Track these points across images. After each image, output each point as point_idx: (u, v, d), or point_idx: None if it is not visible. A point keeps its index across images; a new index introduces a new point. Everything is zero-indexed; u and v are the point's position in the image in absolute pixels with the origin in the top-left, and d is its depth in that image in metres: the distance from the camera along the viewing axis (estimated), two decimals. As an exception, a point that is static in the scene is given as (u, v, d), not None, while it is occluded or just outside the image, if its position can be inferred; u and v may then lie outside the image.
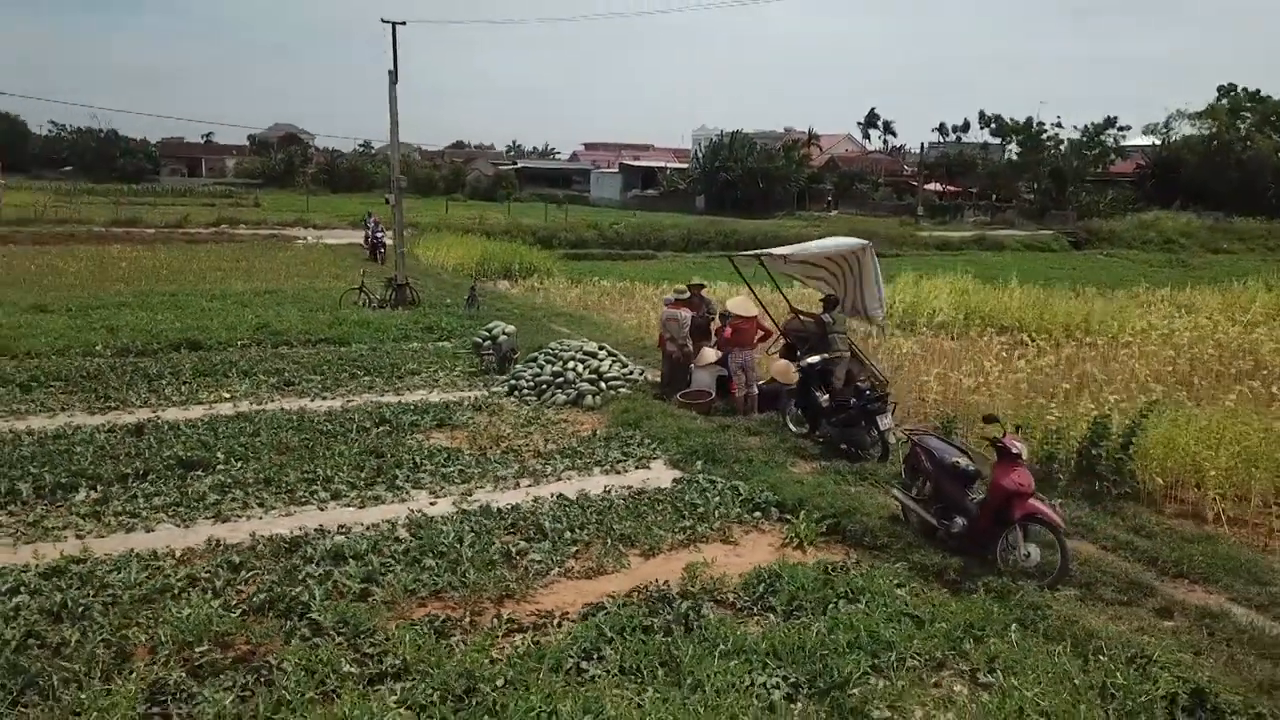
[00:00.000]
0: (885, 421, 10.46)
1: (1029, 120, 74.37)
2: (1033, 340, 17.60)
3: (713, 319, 14.02)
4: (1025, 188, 73.32)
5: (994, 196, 72.96)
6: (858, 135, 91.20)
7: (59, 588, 7.09)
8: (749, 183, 76.28)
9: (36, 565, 7.51)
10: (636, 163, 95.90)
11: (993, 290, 23.75)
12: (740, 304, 13.08)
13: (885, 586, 7.29)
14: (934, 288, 23.64)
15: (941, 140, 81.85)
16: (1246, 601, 7.23)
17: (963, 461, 8.11)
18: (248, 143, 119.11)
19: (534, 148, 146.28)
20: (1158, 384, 13.80)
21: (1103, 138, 76.89)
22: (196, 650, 6.25)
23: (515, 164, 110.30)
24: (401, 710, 5.61)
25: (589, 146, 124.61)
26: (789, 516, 8.94)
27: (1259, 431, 9.51)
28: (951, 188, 78.54)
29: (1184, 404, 11.72)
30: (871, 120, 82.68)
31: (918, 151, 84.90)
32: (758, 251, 14.29)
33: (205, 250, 34.98)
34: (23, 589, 7.05)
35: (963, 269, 28.31)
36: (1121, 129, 77.90)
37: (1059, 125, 74.37)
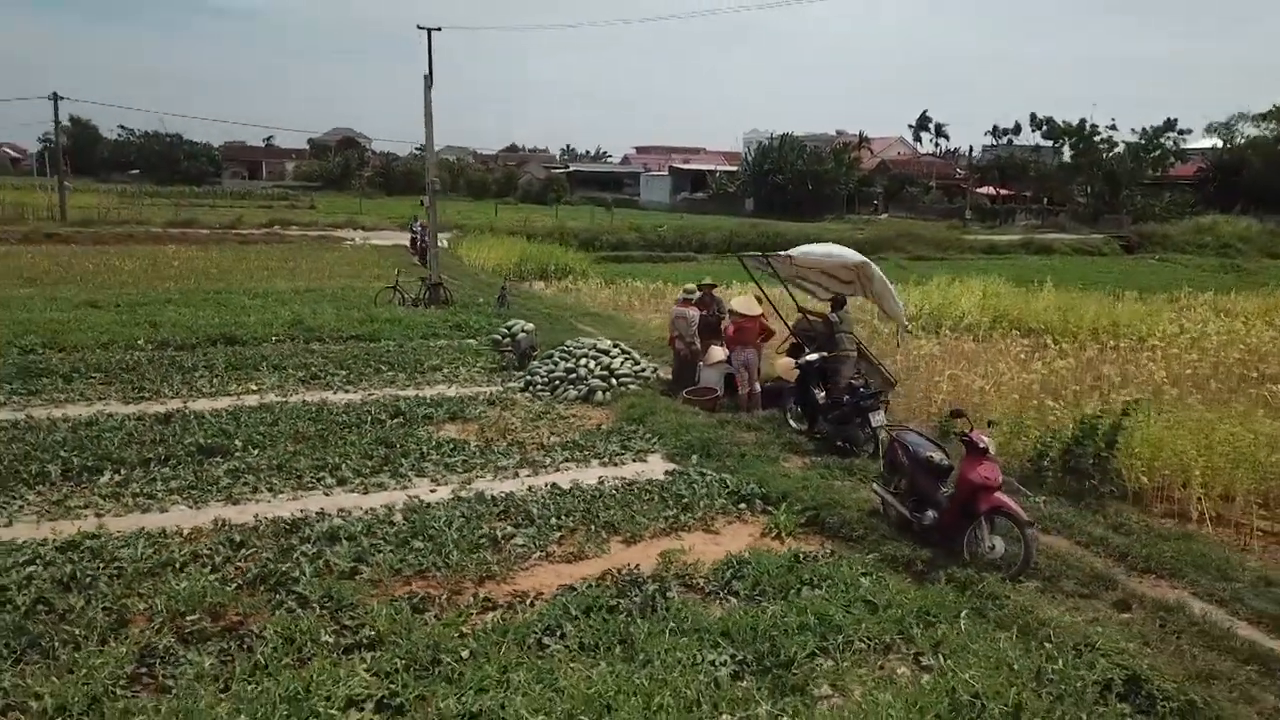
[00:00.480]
0: (878, 419, 10.63)
1: (1081, 122, 73.22)
2: (1056, 343, 17.57)
3: (723, 318, 14.27)
4: (1078, 191, 72.13)
5: (1045, 200, 71.87)
6: (910, 139, 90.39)
7: (71, 560, 7.59)
8: (798, 186, 76.26)
9: (54, 540, 8.04)
10: (686, 166, 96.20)
11: (1024, 294, 23.64)
12: (743, 303, 13.32)
13: (849, 574, 7.51)
14: (965, 290, 23.61)
15: (995, 143, 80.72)
16: (1208, 596, 7.32)
17: (936, 456, 8.28)
18: (308, 146, 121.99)
19: (585, 151, 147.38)
20: (1174, 387, 13.77)
21: (1162, 140, 75.37)
22: (188, 619, 6.69)
23: (567, 167, 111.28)
24: (368, 676, 5.98)
25: (640, 150, 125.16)
26: (771, 508, 9.19)
27: (1248, 433, 9.51)
28: (1004, 191, 77.55)
29: (1192, 406, 11.70)
30: (923, 123, 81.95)
31: (975, 155, 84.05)
32: (766, 253, 14.48)
33: (255, 250, 36.06)
34: (38, 560, 7.57)
35: (998, 273, 28.18)
36: (1182, 132, 76.37)
37: (1113, 128, 73.18)
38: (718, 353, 13.36)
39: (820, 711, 5.67)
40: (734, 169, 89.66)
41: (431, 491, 9.70)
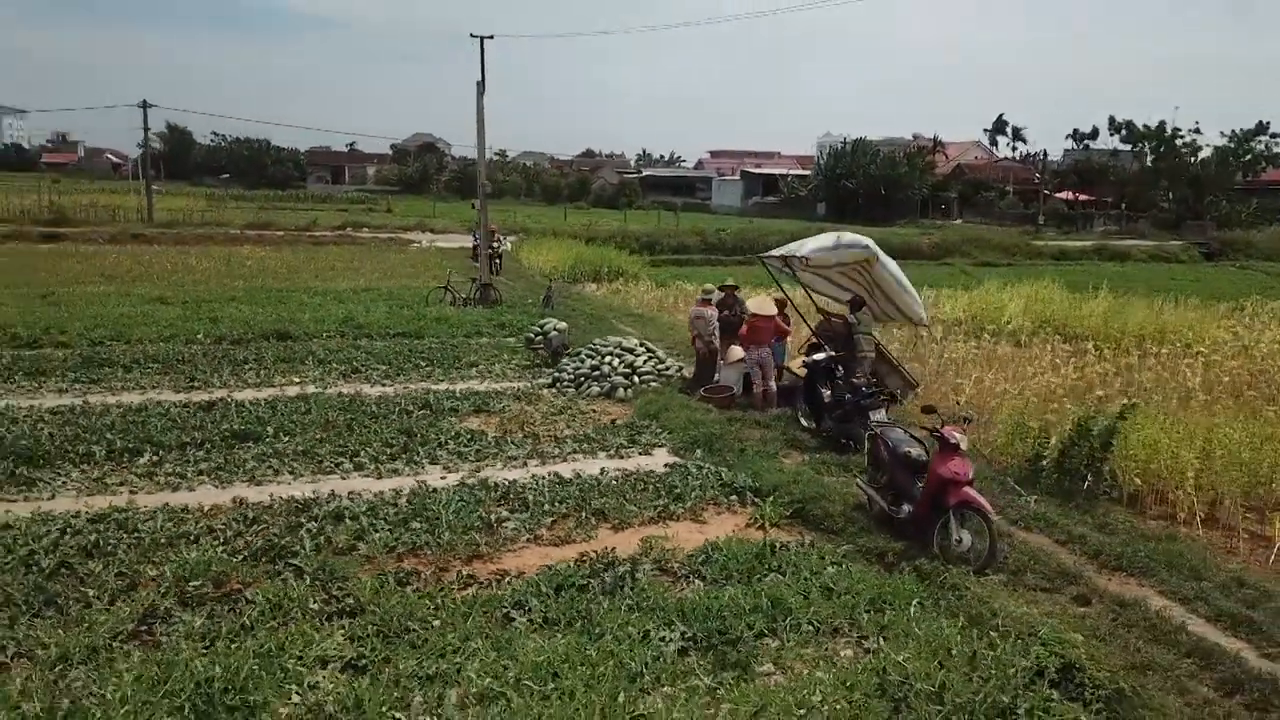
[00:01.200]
0: (878, 416, 10.78)
1: (1161, 125, 71.04)
2: (1098, 349, 17.40)
3: (745, 319, 14.51)
4: (1160, 196, 70.02)
5: (1123, 206, 69.93)
6: (986, 143, 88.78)
7: (97, 530, 8.26)
8: (870, 190, 75.67)
9: (86, 512, 8.74)
10: (758, 170, 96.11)
11: (1076, 300, 23.30)
12: (758, 303, 13.58)
13: (816, 563, 7.77)
14: (1013, 295, 23.39)
15: (1076, 147, 78.78)
16: (1172, 594, 7.38)
17: (914, 451, 8.46)
18: (390, 151, 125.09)
19: (660, 156, 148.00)
20: (1206, 394, 13.60)
21: (1252, 144, 72.68)
22: (191, 585, 7.25)
23: (640, 172, 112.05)
24: (342, 640, 6.47)
25: (714, 154, 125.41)
26: (759, 500, 9.45)
27: (1245, 437, 9.45)
28: (1084, 196, 75.67)
29: (1194, 410, 11.64)
30: (999, 127, 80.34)
31: (1054, 159, 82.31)
32: (777, 252, 14.68)
33: (326, 251, 37.39)
34: (68, 530, 8.24)
35: (1062, 279, 27.71)
36: (1275, 135, 73.43)
37: (1197, 131, 70.79)
38: (737, 352, 13.63)
39: (755, 686, 5.95)
40: (806, 173, 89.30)
41: (442, 478, 10.19)
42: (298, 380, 14.62)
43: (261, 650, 6.13)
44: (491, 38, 26.23)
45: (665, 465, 10.66)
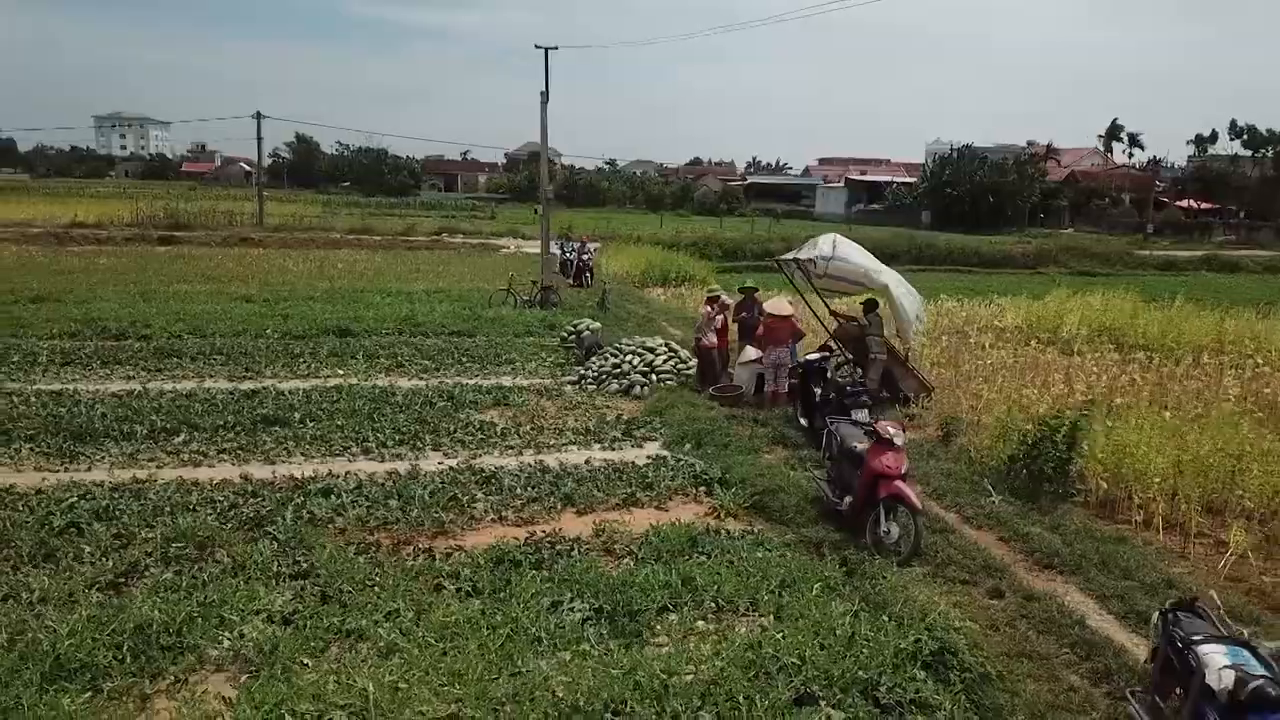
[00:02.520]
0: (861, 415, 10.95)
1: (1285, 129, 67.21)
2: (1148, 358, 17.03)
3: (762, 320, 14.79)
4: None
5: (1242, 214, 66.36)
6: (1101, 149, 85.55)
7: (112, 497, 9.21)
8: (976, 198, 73.99)
9: (109, 482, 9.73)
10: (862, 177, 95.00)
11: (1138, 309, 22.61)
12: (775, 304, 13.86)
13: (744, 548, 8.10)
14: (1078, 304, 22.89)
15: (1197, 153, 75.16)
16: (1090, 591, 7.46)
17: (860, 446, 8.68)
18: (503, 160, 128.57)
19: (767, 163, 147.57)
20: (1240, 404, 13.26)
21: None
22: (175, 546, 8.08)
23: (744, 180, 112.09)
24: (284, 593, 7.17)
25: (822, 161, 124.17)
26: (726, 491, 9.80)
27: (1217, 445, 9.32)
28: (1205, 205, 72.18)
29: (1240, 421, 11.41)
30: (1114, 133, 77.30)
31: (1177, 165, 78.86)
32: (791, 255, 14.89)
33: (416, 255, 38.95)
34: (87, 496, 9.22)
35: (1161, 290, 26.89)
36: None
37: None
38: (750, 352, 13.95)
39: (639, 653, 6.36)
40: (911, 180, 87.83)
41: (439, 463, 10.85)
42: (342, 373, 15.57)
43: (206, 601, 6.87)
44: (555, 49, 27.17)
45: (648, 457, 11.09)
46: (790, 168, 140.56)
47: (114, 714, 5.61)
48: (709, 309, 14.59)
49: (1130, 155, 78.01)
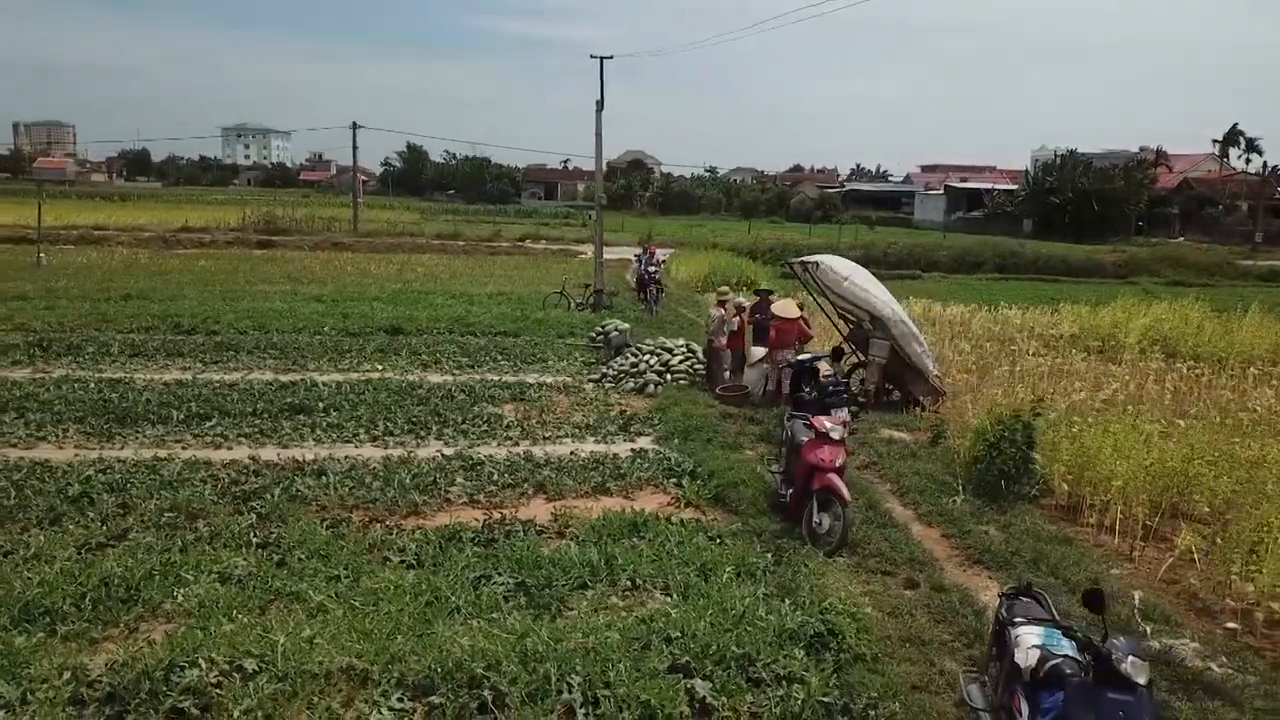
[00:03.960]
0: (840, 415, 11.12)
1: None
2: (1192, 368, 16.62)
3: (770, 322, 15.03)
4: None
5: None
6: (1218, 154, 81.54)
7: (128, 472, 10.11)
8: (1080, 205, 71.68)
9: (132, 459, 10.66)
10: (963, 185, 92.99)
11: (1212, 319, 21.85)
12: (781, 306, 14.10)
13: (681, 534, 8.45)
14: (1140, 313, 22.27)
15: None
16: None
17: (804, 439, 8.91)
18: (604, 168, 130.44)
19: (868, 170, 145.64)
20: (1266, 414, 12.95)
21: None
22: (167, 515, 8.89)
23: (843, 187, 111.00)
24: (249, 559, 7.85)
25: (925, 168, 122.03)
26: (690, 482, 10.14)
27: (1177, 448, 9.21)
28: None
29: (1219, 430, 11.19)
30: (1232, 138, 73.64)
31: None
32: (805, 259, 15.06)
33: (495, 260, 40.20)
34: (105, 470, 10.15)
35: (1207, 298, 25.86)
36: None
37: None
38: (757, 353, 14.24)
39: (546, 623, 6.79)
40: (1013, 188, 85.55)
41: (436, 451, 11.47)
42: (380, 368, 16.41)
43: (169, 562, 7.60)
44: (611, 58, 27.84)
45: (632, 450, 11.49)
46: (891, 175, 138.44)
47: (61, 653, 6.32)
48: (720, 311, 14.91)
49: (1248, 161, 74.24)
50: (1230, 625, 7.08)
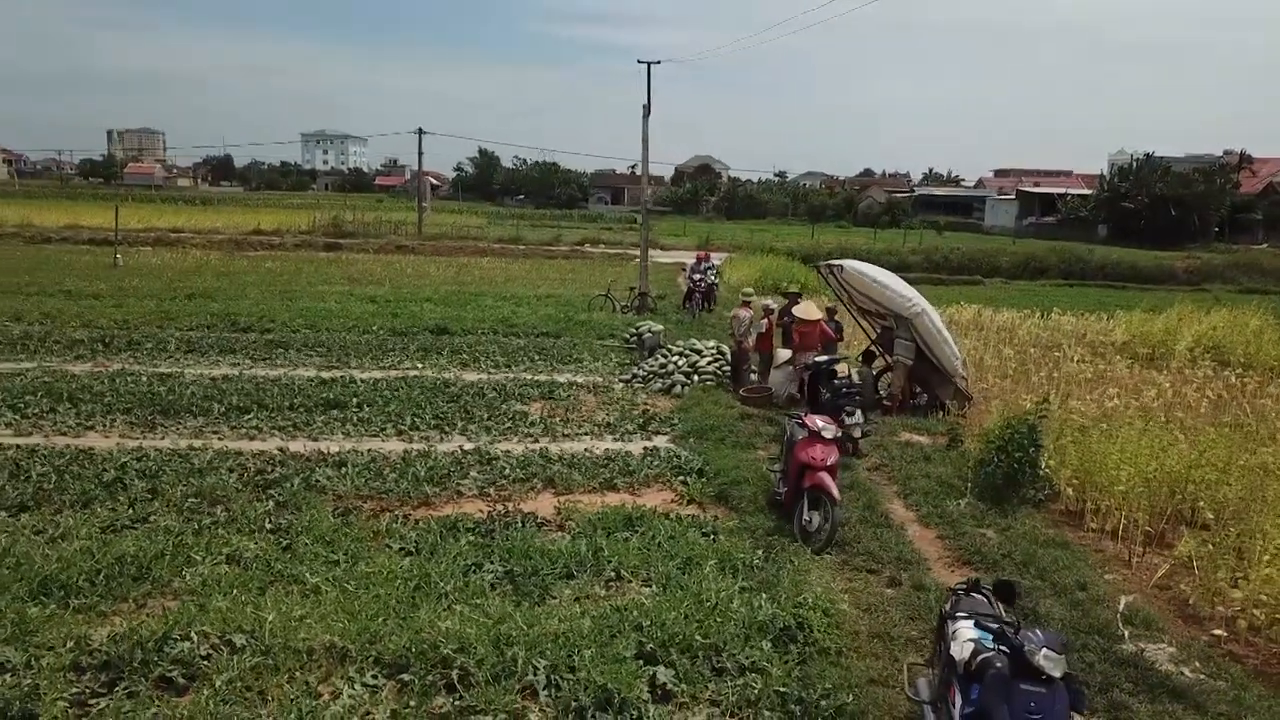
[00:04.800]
0: (854, 417, 11.19)
1: None
2: (1239, 376, 16.22)
3: (793, 325, 15.07)
4: None
5: None
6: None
7: (162, 460, 10.63)
8: (1156, 210, 69.64)
9: (169, 448, 11.20)
10: (1035, 189, 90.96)
11: (1277, 328, 21.20)
12: (804, 309, 14.14)
13: (674, 529, 8.61)
14: (1193, 320, 21.72)
15: None
16: (990, 587, 7.53)
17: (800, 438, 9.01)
18: (672, 173, 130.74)
19: (940, 174, 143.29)
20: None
21: None
22: (190, 500, 9.35)
23: (912, 191, 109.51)
24: (259, 542, 8.24)
25: (998, 173, 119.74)
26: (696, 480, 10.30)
27: (1185, 454, 9.06)
28: None
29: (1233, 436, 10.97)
30: (1319, 139, 70.88)
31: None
32: (831, 262, 15.05)
33: (552, 263, 40.70)
34: (141, 458, 10.68)
35: (1260, 306, 25.04)
36: None
37: None
38: (782, 354, 14.30)
39: (525, 610, 7.02)
40: (1087, 192, 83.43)
41: (457, 446, 11.80)
42: (420, 366, 16.85)
43: (182, 543, 8.02)
44: (659, 63, 28.08)
45: (644, 448, 11.68)
46: (964, 180, 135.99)
47: (70, 624, 6.76)
48: (747, 312, 15.01)
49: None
50: (1216, 632, 7.00)
